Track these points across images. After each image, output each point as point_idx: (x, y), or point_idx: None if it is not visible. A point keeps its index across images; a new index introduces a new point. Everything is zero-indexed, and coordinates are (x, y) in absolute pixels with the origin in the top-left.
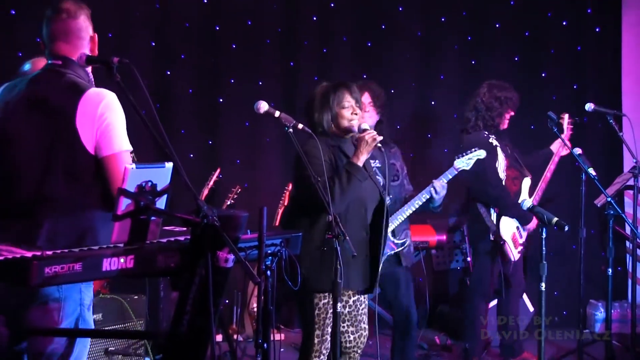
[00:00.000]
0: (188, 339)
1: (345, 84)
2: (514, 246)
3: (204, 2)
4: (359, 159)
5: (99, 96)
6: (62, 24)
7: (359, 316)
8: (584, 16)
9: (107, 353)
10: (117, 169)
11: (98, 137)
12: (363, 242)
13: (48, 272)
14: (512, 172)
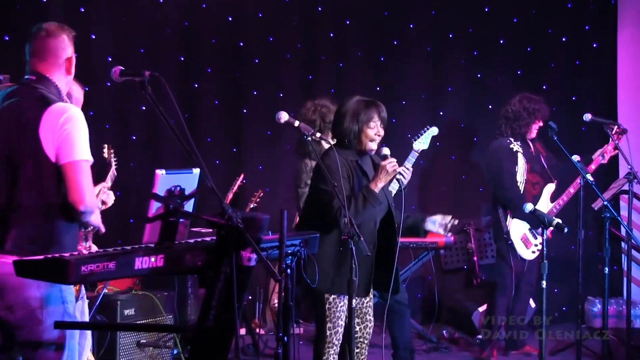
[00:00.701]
0: (214, 333)
1: (376, 104)
2: (525, 247)
3: (229, 20)
4: (376, 186)
5: (62, 110)
6: (40, 43)
7: (364, 309)
8: (582, 33)
9: (139, 345)
10: (73, 176)
11: (58, 146)
12: (371, 258)
13: (84, 270)
14: (532, 176)
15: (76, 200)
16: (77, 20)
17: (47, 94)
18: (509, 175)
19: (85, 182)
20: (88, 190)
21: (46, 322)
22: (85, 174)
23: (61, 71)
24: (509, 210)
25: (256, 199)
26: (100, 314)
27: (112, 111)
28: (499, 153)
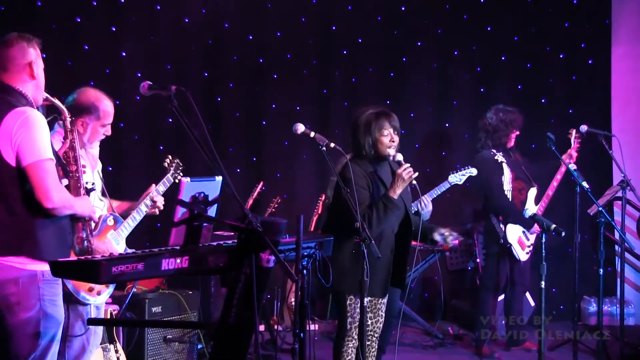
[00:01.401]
0: (235, 329)
1: (387, 113)
2: (521, 248)
3: (249, 39)
4: (395, 193)
5: (17, 114)
6: (0, 54)
7: (378, 304)
8: (579, 50)
9: (165, 340)
10: (36, 176)
11: (17, 150)
12: (389, 258)
13: (115, 271)
14: (518, 183)
15: (42, 199)
16: (109, 39)
17: (10, 101)
18: (497, 185)
19: (49, 180)
20: (54, 187)
21: (19, 317)
22: (48, 172)
23: (23, 77)
24: (501, 217)
25: (274, 204)
26: (129, 311)
27: (141, 123)
28: (485, 165)
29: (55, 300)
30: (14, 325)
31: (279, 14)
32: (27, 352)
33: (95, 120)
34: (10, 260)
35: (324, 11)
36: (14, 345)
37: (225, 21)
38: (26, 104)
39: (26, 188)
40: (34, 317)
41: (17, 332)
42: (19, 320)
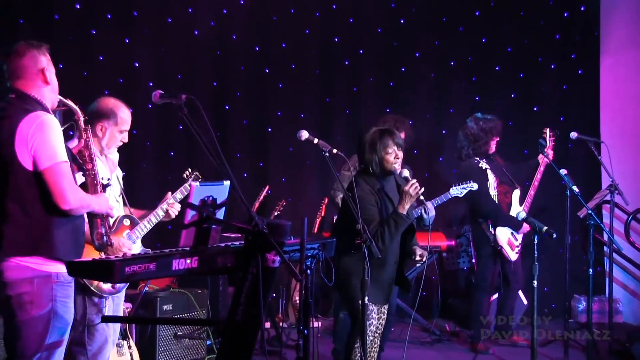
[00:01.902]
0: (242, 326)
1: (390, 132)
2: (511, 249)
3: (256, 50)
4: (404, 209)
5: (33, 119)
6: (14, 63)
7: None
8: (569, 61)
9: (176, 337)
10: (53, 179)
11: (33, 154)
12: (392, 270)
13: (128, 271)
14: (502, 187)
15: (59, 201)
16: (122, 51)
17: (26, 108)
18: (484, 192)
19: (65, 182)
20: (70, 190)
21: (30, 314)
22: (64, 175)
23: (38, 84)
24: (490, 221)
25: (280, 207)
26: (142, 309)
27: (153, 130)
28: (470, 174)
29: (67, 302)
30: (23, 322)
31: (283, 26)
32: (34, 351)
33: (113, 125)
34: (26, 260)
35: (327, 24)
36: (22, 343)
37: (233, 33)
38: (41, 109)
39: (42, 190)
40: (44, 316)
41: (26, 329)
42: (30, 318)
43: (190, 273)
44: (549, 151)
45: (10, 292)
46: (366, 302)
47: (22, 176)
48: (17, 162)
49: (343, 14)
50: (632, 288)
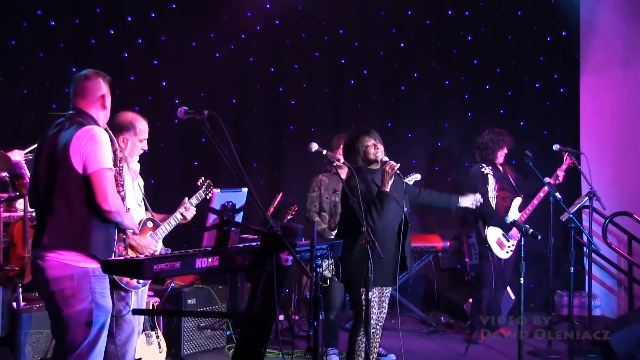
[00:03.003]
0: (258, 318)
1: (365, 130)
2: (500, 248)
3: (271, 71)
4: (386, 187)
5: (86, 132)
6: (80, 85)
7: (383, 297)
8: (552, 80)
9: (199, 328)
10: (97, 182)
11: (84, 159)
12: (394, 252)
13: (156, 269)
14: (503, 192)
15: (101, 202)
16: (151, 71)
17: (83, 123)
18: (481, 193)
19: (108, 186)
20: (111, 193)
21: (75, 308)
22: (108, 180)
23: (97, 106)
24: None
25: (292, 212)
26: (168, 303)
27: (179, 143)
28: (473, 177)
29: (104, 293)
30: (70, 315)
31: (296, 49)
32: (82, 339)
33: (134, 135)
34: (65, 257)
35: (335, 47)
36: (71, 333)
37: (250, 56)
38: (94, 124)
39: (87, 195)
40: (87, 307)
41: (72, 321)
42: (74, 311)
43: (211, 271)
44: (560, 172)
45: (54, 287)
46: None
47: (73, 178)
48: (71, 165)
49: (349, 38)
50: (609, 285)
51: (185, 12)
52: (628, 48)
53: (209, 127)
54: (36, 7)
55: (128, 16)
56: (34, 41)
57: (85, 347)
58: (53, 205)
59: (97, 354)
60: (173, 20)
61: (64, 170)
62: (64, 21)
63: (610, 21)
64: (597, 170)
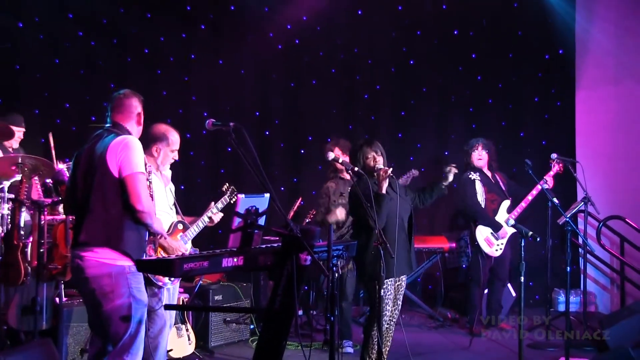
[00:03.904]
0: (279, 313)
1: (367, 142)
2: (488, 246)
3: (291, 86)
4: (381, 189)
5: (122, 140)
6: (119, 101)
7: (398, 295)
8: (549, 95)
9: (225, 322)
10: (132, 184)
11: (119, 164)
12: (404, 242)
13: (186, 268)
14: (491, 195)
15: (135, 202)
16: (182, 86)
17: (117, 133)
18: (469, 196)
19: (141, 188)
20: (144, 194)
21: (114, 303)
22: (140, 183)
23: (132, 122)
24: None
25: (310, 215)
26: (197, 299)
27: (207, 152)
28: (462, 183)
29: (140, 287)
30: (110, 310)
31: (314, 67)
32: (124, 331)
33: (166, 146)
34: (101, 256)
35: (349, 64)
36: (113, 327)
37: (273, 73)
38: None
39: (121, 197)
40: (126, 302)
41: (113, 315)
42: (114, 306)
43: (237, 269)
44: (549, 177)
45: (94, 285)
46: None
47: (110, 181)
48: (107, 169)
49: (363, 56)
50: (602, 283)
51: (213, 33)
52: (619, 65)
53: (234, 137)
54: (78, 29)
55: (161, 37)
56: (75, 60)
57: (127, 339)
58: (90, 206)
59: (138, 345)
60: (202, 40)
61: (101, 174)
62: (102, 41)
63: (602, 41)
64: (592, 177)
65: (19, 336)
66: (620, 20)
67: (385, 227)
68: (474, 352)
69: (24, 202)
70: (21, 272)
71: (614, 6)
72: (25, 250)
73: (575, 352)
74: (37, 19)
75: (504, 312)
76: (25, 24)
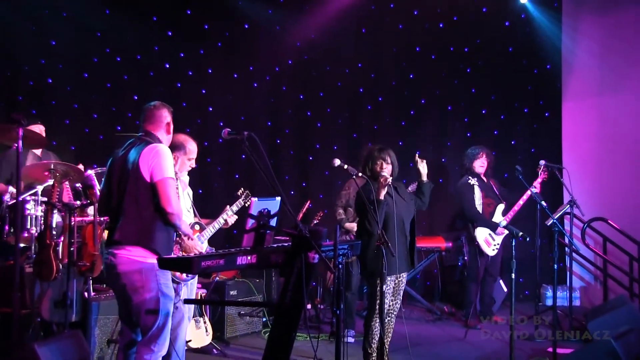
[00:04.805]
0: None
1: (376, 148)
2: (487, 246)
3: (300, 98)
4: (380, 195)
5: (153, 147)
6: (150, 112)
7: (398, 288)
8: (538, 106)
9: (239, 315)
10: (162, 189)
11: (151, 170)
12: (404, 243)
13: (203, 265)
14: (487, 200)
15: (165, 205)
16: (200, 98)
17: (149, 142)
18: (468, 200)
19: (171, 192)
20: (173, 198)
21: (144, 297)
22: (170, 187)
23: (162, 131)
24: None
25: (318, 217)
26: (214, 294)
27: (223, 158)
28: (461, 187)
29: (168, 284)
30: (140, 303)
31: (321, 80)
32: (152, 323)
33: (183, 155)
34: (133, 254)
35: (354, 78)
36: (143, 319)
37: (283, 85)
38: (159, 143)
39: (153, 200)
40: (155, 296)
41: (143, 308)
42: (144, 300)
43: (250, 267)
44: (537, 183)
45: (125, 280)
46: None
47: (142, 185)
48: (140, 174)
49: (366, 70)
50: (587, 279)
51: (229, 49)
52: (601, 79)
53: (248, 145)
54: (105, 46)
55: (181, 53)
56: (102, 74)
57: (155, 330)
58: (124, 208)
59: (165, 335)
60: (218, 56)
61: (134, 179)
62: (127, 57)
63: (586, 57)
64: (577, 182)
65: (51, 327)
66: (603, 39)
67: (387, 229)
68: (468, 343)
69: (56, 204)
70: (53, 269)
71: (597, 26)
72: (57, 249)
73: (562, 343)
74: (69, 38)
75: (496, 306)
76: (58, 42)
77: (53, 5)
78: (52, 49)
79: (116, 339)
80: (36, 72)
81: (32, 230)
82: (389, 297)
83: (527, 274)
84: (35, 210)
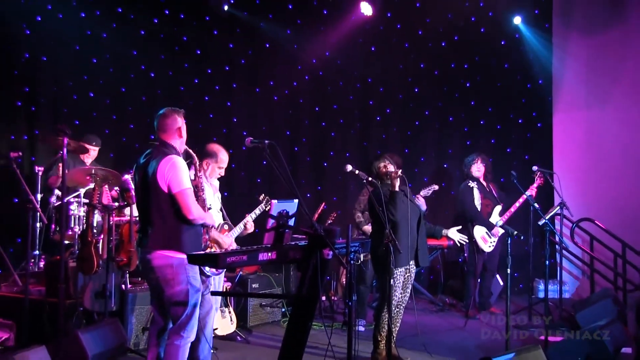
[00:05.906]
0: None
1: (375, 157)
2: (484, 243)
3: (316, 110)
4: (394, 188)
5: (169, 160)
6: (161, 121)
7: (407, 282)
8: (531, 117)
9: (261, 306)
10: (181, 200)
11: (168, 183)
12: (413, 240)
13: (229, 261)
14: (486, 201)
15: (186, 213)
16: (225, 110)
17: (165, 151)
18: (468, 201)
19: (190, 201)
20: (193, 206)
21: (174, 289)
22: (189, 197)
23: (175, 137)
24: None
25: (332, 217)
26: (238, 286)
27: (246, 164)
28: (462, 190)
29: (196, 277)
30: (171, 294)
31: (335, 94)
32: (182, 312)
33: (214, 162)
34: (165, 252)
35: (365, 92)
36: (173, 309)
37: (301, 98)
38: (175, 153)
39: (174, 208)
40: (184, 288)
41: (174, 299)
42: (174, 291)
43: (271, 262)
44: (533, 188)
45: (158, 273)
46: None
47: (162, 196)
48: (159, 187)
49: (376, 85)
50: (575, 274)
51: (251, 66)
52: (589, 94)
53: (269, 153)
54: (141, 63)
55: (208, 69)
56: (138, 88)
57: (184, 318)
58: (151, 218)
59: (193, 323)
60: (242, 72)
61: (155, 192)
62: (160, 73)
63: (574, 74)
64: (566, 186)
65: (92, 316)
66: (589, 57)
67: (397, 226)
68: (468, 332)
69: (96, 206)
70: (94, 264)
71: (584, 46)
72: (97, 246)
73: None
74: (108, 56)
75: (493, 298)
76: (98, 60)
77: (94, 29)
78: (93, 66)
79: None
80: (79, 87)
81: (76, 229)
82: (399, 291)
83: (521, 269)
84: (78, 211)
